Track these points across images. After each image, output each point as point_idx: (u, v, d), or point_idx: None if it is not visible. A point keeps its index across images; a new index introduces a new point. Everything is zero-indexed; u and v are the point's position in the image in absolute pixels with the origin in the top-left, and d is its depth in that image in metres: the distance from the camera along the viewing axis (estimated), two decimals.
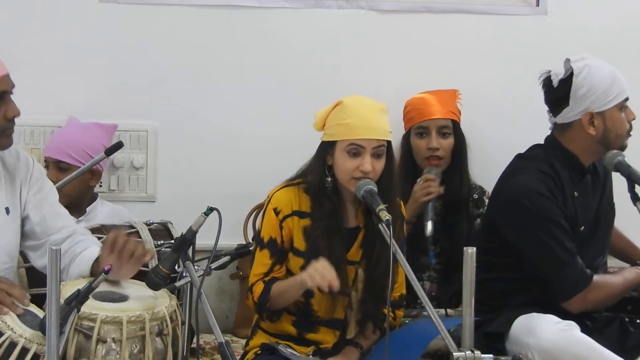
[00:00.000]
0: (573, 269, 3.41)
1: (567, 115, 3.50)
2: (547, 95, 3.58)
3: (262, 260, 3.25)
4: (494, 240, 3.54)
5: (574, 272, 3.41)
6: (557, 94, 3.51)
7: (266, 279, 3.23)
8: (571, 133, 3.52)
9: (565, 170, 3.52)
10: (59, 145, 4.01)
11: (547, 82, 3.56)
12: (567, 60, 3.48)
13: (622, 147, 3.54)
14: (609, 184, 3.69)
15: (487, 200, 4.08)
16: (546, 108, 3.59)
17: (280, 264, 3.25)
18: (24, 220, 3.16)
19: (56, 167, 3.98)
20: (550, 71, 3.55)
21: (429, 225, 3.76)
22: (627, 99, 3.51)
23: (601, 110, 3.46)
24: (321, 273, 3.05)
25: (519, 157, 3.66)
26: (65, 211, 3.26)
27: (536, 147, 3.63)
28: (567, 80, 3.48)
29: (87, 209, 4.05)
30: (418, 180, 3.92)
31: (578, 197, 3.52)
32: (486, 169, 4.14)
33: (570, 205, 3.49)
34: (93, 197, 4.12)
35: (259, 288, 3.22)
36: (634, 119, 3.55)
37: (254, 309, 3.30)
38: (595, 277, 3.45)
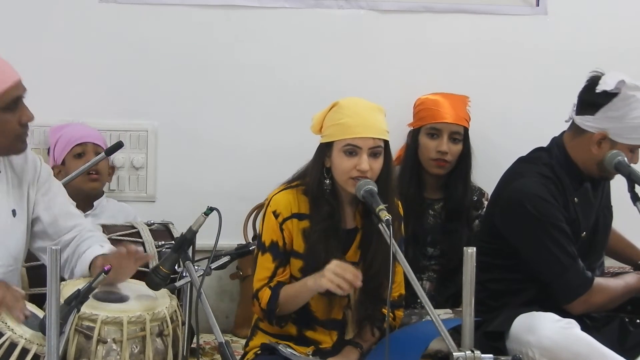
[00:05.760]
0: (574, 272, 3.41)
1: (586, 123, 3.47)
2: (585, 91, 3.51)
3: (265, 265, 3.22)
4: (494, 241, 3.54)
5: (576, 276, 3.41)
6: (593, 98, 3.45)
7: (271, 284, 3.20)
8: (579, 141, 3.50)
9: (565, 175, 3.51)
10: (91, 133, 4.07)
11: (593, 81, 3.48)
12: (622, 82, 3.39)
13: (609, 177, 3.55)
14: (607, 187, 3.69)
15: (485, 202, 4.07)
16: (573, 102, 3.55)
17: (284, 267, 3.22)
18: (34, 221, 3.15)
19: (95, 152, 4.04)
20: (603, 74, 3.47)
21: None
22: None
23: (615, 140, 3.45)
24: (342, 275, 3.03)
25: (520, 160, 3.64)
26: (75, 209, 3.26)
27: (539, 150, 3.62)
28: (609, 96, 3.41)
29: (95, 204, 4.07)
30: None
31: (578, 202, 3.52)
32: (484, 168, 4.14)
33: (571, 211, 3.49)
34: (100, 192, 4.13)
35: (265, 294, 3.18)
36: (635, 163, 3.52)
37: (261, 315, 3.25)
38: (597, 280, 3.46)
